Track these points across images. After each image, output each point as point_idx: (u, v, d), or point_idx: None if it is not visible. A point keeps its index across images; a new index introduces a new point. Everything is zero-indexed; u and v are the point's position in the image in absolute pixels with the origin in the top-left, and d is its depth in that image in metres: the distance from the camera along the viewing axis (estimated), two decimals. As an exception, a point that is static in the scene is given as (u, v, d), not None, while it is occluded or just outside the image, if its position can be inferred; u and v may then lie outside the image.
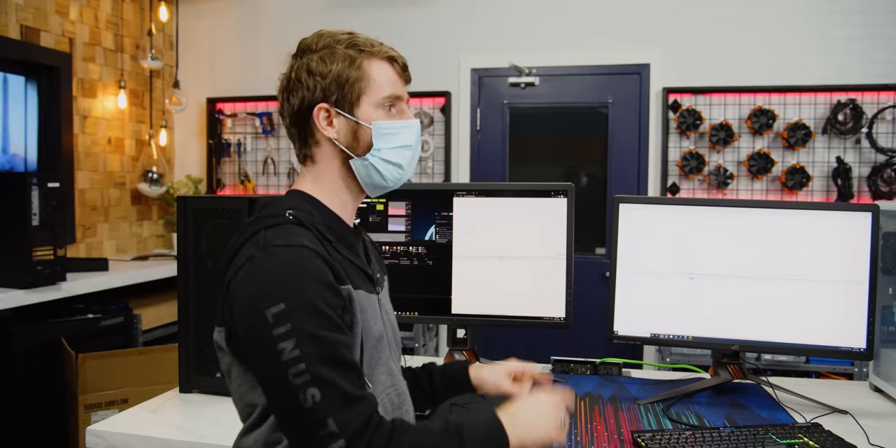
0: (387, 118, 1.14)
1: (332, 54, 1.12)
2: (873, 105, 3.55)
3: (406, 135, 1.16)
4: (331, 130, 1.13)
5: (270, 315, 0.95)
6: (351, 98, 1.12)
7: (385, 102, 1.14)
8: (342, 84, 1.11)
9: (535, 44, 3.95)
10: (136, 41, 4.14)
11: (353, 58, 1.12)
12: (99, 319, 3.04)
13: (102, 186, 3.90)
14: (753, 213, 1.74)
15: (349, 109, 1.12)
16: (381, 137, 1.13)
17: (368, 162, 1.14)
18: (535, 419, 1.09)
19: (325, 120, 1.12)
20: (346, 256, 1.11)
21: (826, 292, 1.70)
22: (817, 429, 1.46)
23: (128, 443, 1.50)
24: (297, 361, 0.93)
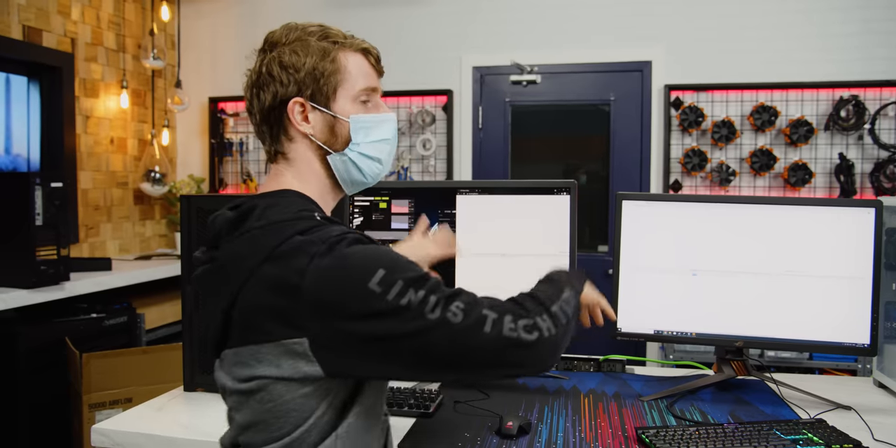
0: (363, 112, 1.11)
1: (306, 47, 1.08)
2: (876, 101, 3.54)
3: (384, 128, 1.13)
4: (306, 126, 1.08)
5: (375, 286, 0.91)
6: (327, 91, 1.08)
7: (361, 95, 1.11)
8: (317, 77, 1.07)
9: (536, 41, 3.95)
10: (137, 41, 4.14)
11: (326, 50, 1.08)
12: (102, 319, 3.04)
13: (105, 186, 3.90)
14: (756, 209, 1.74)
15: (325, 103, 1.08)
16: (359, 131, 1.10)
17: (347, 157, 1.11)
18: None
19: (300, 115, 1.08)
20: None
21: (829, 288, 1.70)
22: (821, 425, 1.46)
23: (133, 441, 1.50)
24: (421, 304, 0.91)
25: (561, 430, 1.49)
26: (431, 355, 0.92)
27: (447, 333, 0.91)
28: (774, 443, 1.37)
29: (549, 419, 1.55)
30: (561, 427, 1.50)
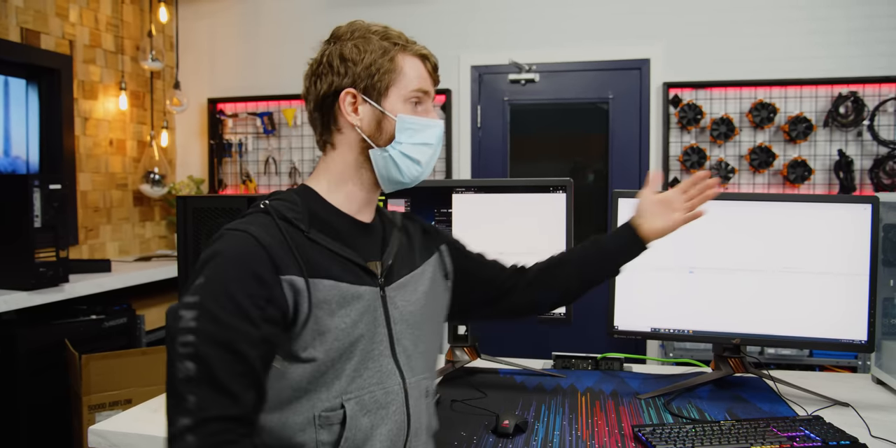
0: (413, 113, 1.15)
1: (367, 43, 1.13)
2: (875, 97, 3.53)
3: (429, 133, 1.16)
4: (355, 117, 1.13)
5: (190, 285, 0.98)
6: (380, 87, 1.12)
7: (412, 97, 1.14)
8: (373, 73, 1.11)
9: (534, 40, 3.95)
10: (136, 43, 4.14)
11: (387, 49, 1.13)
12: (102, 320, 3.05)
13: (104, 188, 3.90)
14: (753, 206, 1.74)
15: (376, 99, 1.12)
16: (404, 131, 1.13)
17: (388, 154, 1.14)
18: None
19: (351, 106, 1.13)
20: (323, 245, 1.08)
21: (827, 285, 1.70)
22: (818, 421, 1.46)
23: (130, 442, 1.50)
24: (188, 332, 0.93)
25: (557, 428, 1.49)
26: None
27: (168, 365, 0.95)
28: (771, 440, 1.36)
29: (546, 417, 1.55)
30: (558, 425, 1.50)
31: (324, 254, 1.07)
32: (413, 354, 1.16)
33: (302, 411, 1.02)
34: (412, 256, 1.23)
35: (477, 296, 1.39)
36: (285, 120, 4.27)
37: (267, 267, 1.00)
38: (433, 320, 1.24)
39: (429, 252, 1.28)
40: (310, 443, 1.02)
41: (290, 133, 4.30)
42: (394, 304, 1.14)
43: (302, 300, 1.01)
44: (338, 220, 1.13)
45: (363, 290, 1.09)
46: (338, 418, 1.03)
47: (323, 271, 1.05)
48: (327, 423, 1.02)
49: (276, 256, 1.01)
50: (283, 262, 1.01)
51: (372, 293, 1.10)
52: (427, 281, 1.23)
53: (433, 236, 1.32)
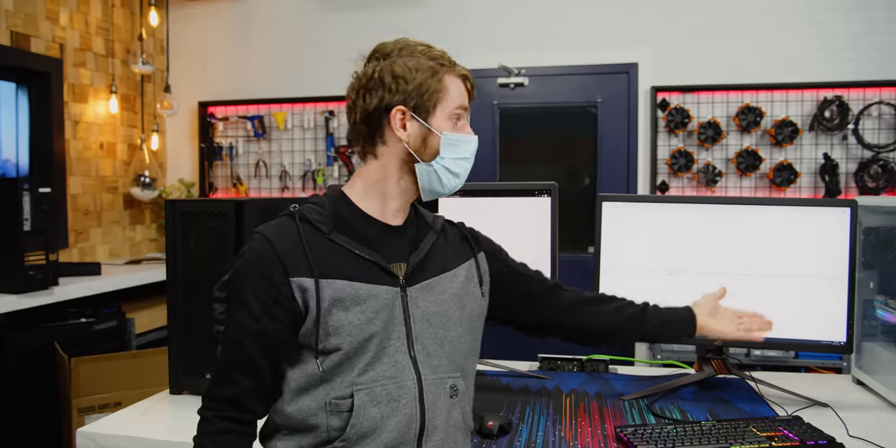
0: (453, 130, 1.22)
1: (417, 62, 1.20)
2: (859, 101, 3.57)
3: (468, 148, 1.24)
4: (403, 133, 1.19)
5: (220, 281, 1.19)
6: (428, 106, 1.19)
7: (454, 114, 1.22)
8: (423, 92, 1.18)
9: (524, 44, 3.98)
10: (126, 46, 4.15)
11: (435, 70, 1.20)
12: (92, 323, 3.05)
13: (95, 191, 3.91)
14: (734, 209, 1.77)
15: (424, 116, 1.20)
16: (447, 147, 1.21)
17: (433, 168, 1.21)
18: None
19: (400, 121, 1.19)
20: (345, 247, 1.16)
21: (807, 287, 1.73)
22: (797, 421, 1.49)
23: (118, 444, 1.52)
24: (220, 323, 1.18)
25: (541, 429, 1.51)
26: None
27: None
28: (750, 440, 1.39)
29: (531, 419, 1.57)
30: (541, 426, 1.52)
31: (342, 254, 1.17)
32: (436, 353, 1.20)
33: (317, 397, 1.14)
34: (444, 259, 1.28)
35: (510, 305, 1.43)
36: (276, 123, 4.29)
37: (277, 270, 1.13)
38: (464, 323, 1.26)
39: (464, 257, 1.32)
40: (322, 426, 1.14)
41: (280, 136, 4.31)
42: (415, 304, 1.20)
43: (310, 299, 1.12)
44: (363, 223, 1.21)
45: (380, 290, 1.16)
46: (347, 406, 1.13)
47: (338, 271, 1.14)
48: (337, 410, 1.13)
49: (287, 259, 1.13)
50: (294, 265, 1.13)
51: (390, 292, 1.17)
52: (458, 284, 1.27)
53: (473, 243, 1.36)
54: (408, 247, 1.24)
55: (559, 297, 1.46)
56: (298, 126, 4.28)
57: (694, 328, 1.49)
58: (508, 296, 1.41)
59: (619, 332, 1.48)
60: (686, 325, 1.49)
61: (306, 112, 4.25)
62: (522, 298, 1.44)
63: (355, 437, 1.12)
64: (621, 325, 1.47)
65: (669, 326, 1.49)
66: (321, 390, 1.14)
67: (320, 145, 4.25)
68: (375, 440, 1.13)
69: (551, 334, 1.51)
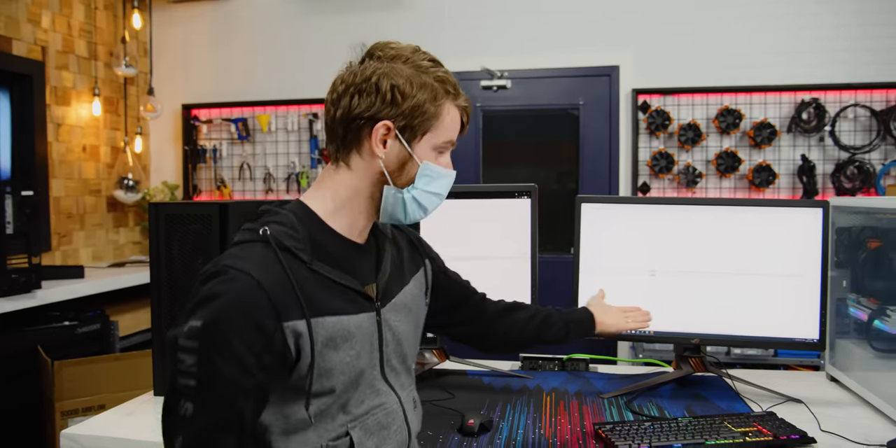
0: (435, 162, 1.13)
1: (421, 80, 1.09)
2: (836, 104, 3.63)
3: (442, 182, 1.15)
4: (381, 149, 1.08)
5: (188, 325, 0.96)
6: (417, 131, 1.09)
7: (441, 147, 1.13)
8: (417, 114, 1.08)
9: (506, 47, 4.01)
10: (109, 49, 4.14)
11: (437, 94, 1.10)
12: (75, 326, 3.05)
13: (77, 194, 3.90)
14: (709, 210, 1.80)
15: (409, 139, 1.09)
16: (423, 177, 1.11)
17: (402, 196, 1.11)
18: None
19: (382, 137, 1.08)
20: (325, 275, 1.06)
21: (781, 286, 1.76)
22: (771, 417, 1.52)
23: (102, 445, 1.52)
24: (190, 377, 0.95)
25: (521, 427, 1.53)
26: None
27: (168, 400, 0.98)
28: (725, 435, 1.42)
29: (511, 417, 1.60)
30: (522, 424, 1.55)
31: (324, 285, 1.06)
32: (399, 371, 1.19)
33: (310, 442, 1.04)
34: (402, 271, 1.24)
35: (440, 313, 1.42)
36: (259, 126, 4.29)
37: (269, 314, 0.98)
38: (416, 335, 1.26)
39: (415, 266, 1.29)
40: None
41: (264, 139, 4.32)
42: (388, 326, 1.15)
43: (304, 343, 1.01)
44: (336, 244, 1.11)
45: (362, 319, 1.09)
46: (345, 445, 1.06)
47: (325, 307, 1.04)
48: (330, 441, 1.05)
49: (278, 301, 0.99)
50: (285, 306, 0.99)
51: (370, 319, 1.11)
52: (412, 298, 1.24)
53: (419, 248, 1.34)
54: (373, 264, 1.17)
55: (485, 307, 1.51)
56: (282, 128, 4.29)
57: (593, 326, 1.63)
58: (443, 304, 1.40)
59: (533, 338, 1.56)
60: (586, 323, 1.63)
61: (290, 114, 4.26)
62: (454, 307, 1.45)
63: None
64: (534, 332, 1.55)
65: (574, 327, 1.60)
66: (311, 434, 1.04)
67: (304, 148, 4.26)
68: None
69: (472, 343, 1.55)
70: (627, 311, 1.73)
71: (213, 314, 0.95)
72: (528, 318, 1.54)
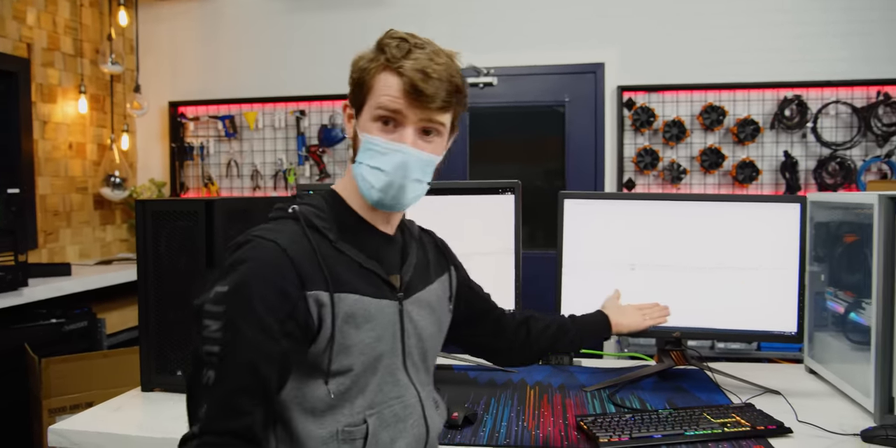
0: (380, 134, 1.07)
1: (364, 54, 1.10)
2: (818, 100, 3.68)
3: (387, 159, 1.07)
4: (349, 129, 1.14)
5: (214, 291, 0.98)
6: (359, 104, 1.10)
7: (377, 116, 1.07)
8: (356, 87, 1.09)
9: (493, 44, 4.03)
10: (95, 46, 4.13)
11: (371, 62, 1.08)
12: (62, 324, 3.05)
13: (64, 191, 3.89)
14: (689, 206, 1.83)
15: (357, 114, 1.11)
16: (366, 152, 1.08)
17: (355, 172, 1.11)
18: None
19: (348, 116, 1.14)
20: (350, 256, 1.08)
21: (760, 280, 1.79)
22: (749, 408, 1.55)
23: (90, 440, 1.53)
24: (214, 343, 0.96)
25: (505, 419, 1.56)
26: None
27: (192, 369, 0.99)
28: (704, 426, 1.45)
29: (495, 410, 1.62)
30: (505, 417, 1.57)
31: (349, 265, 1.07)
32: (420, 368, 1.19)
33: (326, 425, 1.04)
34: (427, 271, 1.24)
35: (462, 324, 1.41)
36: (247, 123, 4.30)
37: (293, 282, 0.99)
38: (437, 337, 1.25)
39: (441, 270, 1.30)
40: None
41: (251, 136, 4.32)
42: (409, 318, 1.15)
43: (326, 314, 1.02)
44: (363, 230, 1.13)
45: (385, 304, 1.10)
46: (360, 433, 1.06)
47: (348, 285, 1.05)
48: (350, 438, 1.05)
49: (303, 270, 1.00)
50: (310, 276, 1.01)
51: (392, 307, 1.12)
52: (436, 298, 1.25)
53: (445, 255, 1.35)
54: (399, 257, 1.18)
55: (505, 323, 1.52)
56: (269, 126, 4.29)
57: (609, 329, 1.65)
58: (465, 314, 1.40)
59: (547, 348, 1.57)
60: (601, 327, 1.64)
61: (277, 112, 4.27)
62: (476, 319, 1.45)
63: None
64: (548, 342, 1.55)
65: (589, 332, 1.61)
66: (329, 417, 1.05)
67: (291, 145, 4.27)
68: None
69: (489, 357, 1.58)
70: (644, 309, 1.72)
71: (238, 278, 0.97)
72: (543, 329, 1.54)
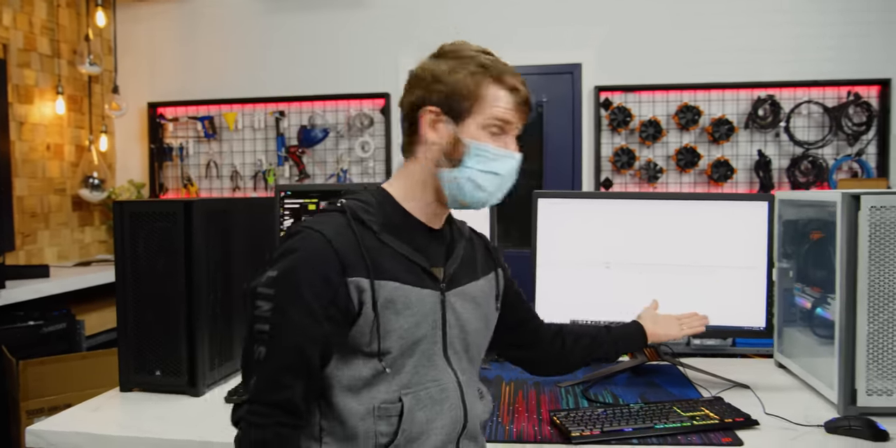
0: (489, 141, 1.17)
1: (462, 65, 1.17)
2: (790, 100, 3.74)
3: (501, 164, 1.19)
4: (433, 134, 1.18)
5: (266, 275, 1.10)
6: (461, 111, 1.16)
7: (490, 125, 1.17)
8: (456, 96, 1.16)
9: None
10: (73, 46, 4.11)
11: (475, 74, 1.16)
12: (41, 326, 3.04)
13: (42, 193, 3.87)
14: (662, 204, 1.87)
15: (456, 121, 1.17)
16: (475, 157, 1.17)
17: (454, 175, 1.18)
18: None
19: (431, 122, 1.18)
20: (393, 248, 1.15)
21: (730, 276, 1.84)
22: (718, 402, 1.59)
23: (67, 441, 1.53)
24: (265, 322, 1.07)
25: (480, 415, 1.58)
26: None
27: (245, 345, 1.11)
28: (674, 419, 1.48)
29: (471, 406, 1.64)
30: (480, 412, 1.60)
31: (392, 256, 1.15)
32: (462, 357, 1.24)
33: (364, 401, 1.12)
34: (474, 268, 1.29)
35: (503, 329, 1.43)
36: (226, 124, 4.30)
37: (335, 269, 1.09)
38: (482, 333, 1.30)
39: (489, 268, 1.34)
40: (368, 431, 1.11)
41: (231, 137, 4.32)
42: (451, 309, 1.21)
43: (366, 299, 1.10)
44: (409, 225, 1.20)
45: (426, 293, 1.17)
46: (396, 410, 1.12)
47: (389, 273, 1.13)
48: (386, 415, 1.12)
49: (346, 259, 1.10)
50: (352, 265, 1.10)
51: (434, 296, 1.18)
52: (482, 294, 1.29)
53: (494, 256, 1.39)
54: (444, 251, 1.24)
55: (542, 333, 1.53)
56: (249, 126, 4.29)
57: (645, 339, 1.63)
58: (507, 318, 1.42)
59: (580, 360, 1.58)
60: (635, 338, 1.63)
61: (256, 112, 4.27)
62: (517, 326, 1.48)
63: (405, 442, 1.12)
64: (582, 353, 1.56)
65: (624, 343, 1.61)
66: (367, 394, 1.12)
67: (271, 145, 4.27)
68: (424, 444, 1.14)
69: (525, 366, 1.58)
70: (682, 319, 1.71)
71: (287, 265, 1.09)
72: (575, 341, 1.55)
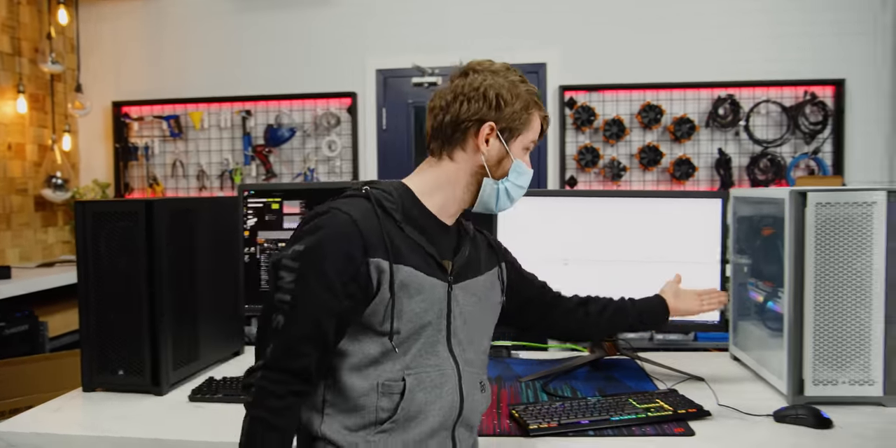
0: (523, 159, 1.33)
1: (517, 89, 1.30)
2: (750, 100, 3.83)
3: (527, 178, 1.35)
4: (484, 147, 1.28)
5: (292, 249, 1.16)
6: (514, 132, 1.30)
7: (527, 147, 1.34)
8: (515, 119, 1.28)
9: (437, 44, 4.09)
10: (34, 45, 4.06)
11: (529, 104, 1.31)
12: (2, 328, 3.01)
13: (3, 193, 3.82)
14: (619, 202, 1.91)
15: (507, 140, 1.29)
16: (514, 172, 1.31)
17: (498, 186, 1.31)
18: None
19: (486, 136, 1.28)
20: (412, 238, 1.23)
21: (689, 272, 1.87)
22: (673, 394, 1.64)
23: (28, 441, 1.52)
24: (287, 292, 1.14)
25: (441, 410, 1.61)
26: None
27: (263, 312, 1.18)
28: (629, 411, 1.53)
29: (433, 401, 1.67)
30: (442, 407, 1.62)
31: (409, 244, 1.22)
32: (466, 349, 1.30)
33: (369, 377, 1.19)
34: (478, 264, 1.37)
35: (517, 310, 1.55)
36: (192, 123, 4.27)
37: (358, 248, 1.16)
38: (484, 325, 1.37)
39: (492, 264, 1.42)
40: (371, 406, 1.19)
41: (197, 136, 4.30)
42: (456, 301, 1.28)
43: (384, 280, 1.17)
44: (425, 218, 1.28)
45: (436, 283, 1.24)
46: (398, 388, 1.19)
47: (406, 259, 1.20)
48: (388, 392, 1.19)
49: (369, 240, 1.17)
50: (374, 246, 1.17)
51: (442, 287, 1.26)
52: (485, 289, 1.37)
53: (497, 252, 1.47)
54: (453, 246, 1.32)
55: (557, 303, 1.61)
56: (215, 125, 4.28)
57: (667, 312, 1.68)
58: (514, 300, 1.51)
59: (605, 330, 1.68)
60: (658, 311, 1.68)
61: (223, 111, 4.25)
62: (526, 303, 1.57)
63: (403, 419, 1.19)
64: (607, 324, 1.64)
65: (648, 316, 1.67)
66: (373, 371, 1.19)
67: (237, 145, 4.26)
68: (421, 424, 1.21)
69: (547, 334, 1.75)
70: (703, 295, 1.75)
71: (314, 241, 1.15)
72: (600, 311, 1.63)
